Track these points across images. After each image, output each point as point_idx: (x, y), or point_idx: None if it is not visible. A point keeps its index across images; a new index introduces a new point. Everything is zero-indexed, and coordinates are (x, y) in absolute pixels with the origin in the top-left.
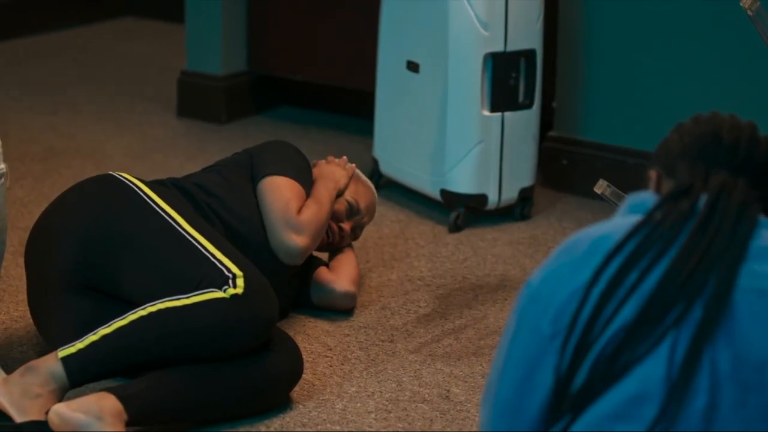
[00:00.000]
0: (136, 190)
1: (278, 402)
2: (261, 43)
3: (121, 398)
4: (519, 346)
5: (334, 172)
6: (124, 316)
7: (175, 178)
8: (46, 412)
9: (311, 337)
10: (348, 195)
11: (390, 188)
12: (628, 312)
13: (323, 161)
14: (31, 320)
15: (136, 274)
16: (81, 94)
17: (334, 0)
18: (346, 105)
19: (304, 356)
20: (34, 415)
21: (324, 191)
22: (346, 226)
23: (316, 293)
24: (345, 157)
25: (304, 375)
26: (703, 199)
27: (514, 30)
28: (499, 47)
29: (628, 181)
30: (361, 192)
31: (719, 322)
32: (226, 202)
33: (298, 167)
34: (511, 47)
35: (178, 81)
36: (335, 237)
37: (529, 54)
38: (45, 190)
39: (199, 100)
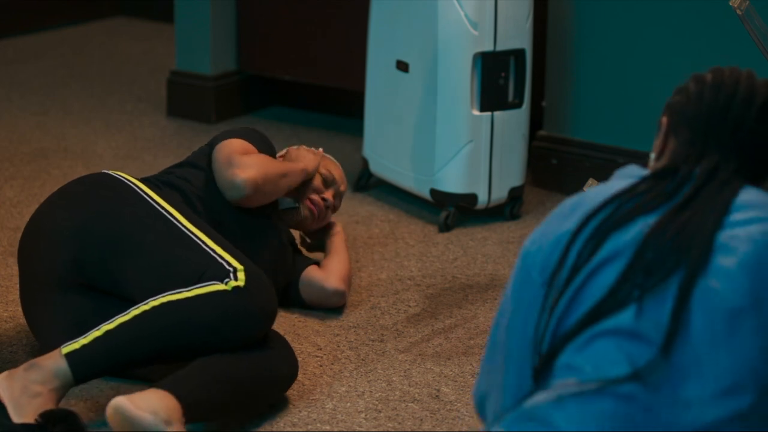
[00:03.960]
0: (134, 187)
1: (276, 401)
2: (250, 42)
3: (179, 398)
4: (514, 297)
5: (304, 156)
6: (127, 311)
7: (158, 175)
8: (41, 414)
9: (301, 336)
10: (319, 169)
11: (380, 188)
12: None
13: (294, 147)
14: (21, 321)
15: (137, 270)
16: (71, 94)
17: (324, 0)
18: (335, 105)
19: None
20: (29, 415)
21: (285, 164)
22: (328, 195)
23: (306, 291)
24: (321, 149)
25: None
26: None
27: (504, 29)
28: (488, 47)
29: None
30: (330, 164)
31: (700, 275)
32: (207, 193)
33: (254, 139)
34: (500, 47)
35: (168, 81)
36: (321, 208)
37: (519, 53)
38: (35, 190)
39: (189, 100)
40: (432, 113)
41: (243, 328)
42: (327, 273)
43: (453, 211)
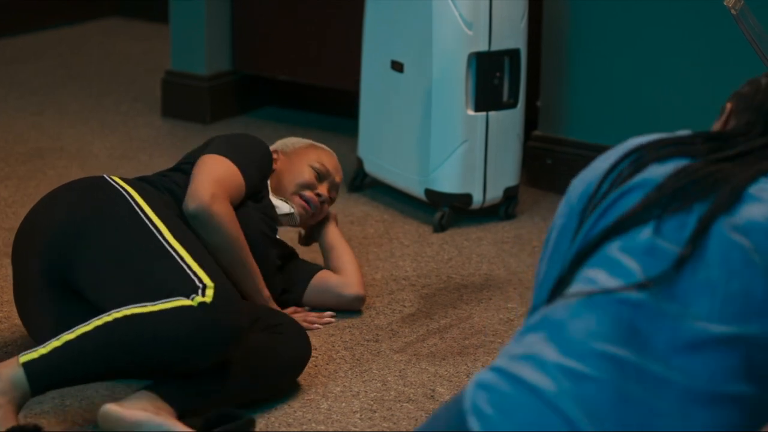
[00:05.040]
0: (125, 195)
1: (287, 386)
2: (245, 43)
3: (164, 396)
4: (556, 227)
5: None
6: (89, 321)
7: (155, 177)
8: None
9: None
10: (310, 162)
11: (375, 188)
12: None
13: (288, 146)
14: (16, 321)
15: (112, 281)
16: (68, 94)
17: (319, 0)
18: (330, 105)
19: None
20: None
21: (246, 251)
22: (323, 189)
23: (320, 297)
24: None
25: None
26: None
27: (499, 29)
28: (483, 47)
29: None
30: (323, 156)
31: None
32: None
33: (245, 153)
34: (495, 46)
35: (162, 81)
36: (315, 203)
37: (514, 53)
38: (30, 190)
39: (184, 101)
40: (427, 113)
41: (208, 345)
42: (344, 279)
43: (448, 211)
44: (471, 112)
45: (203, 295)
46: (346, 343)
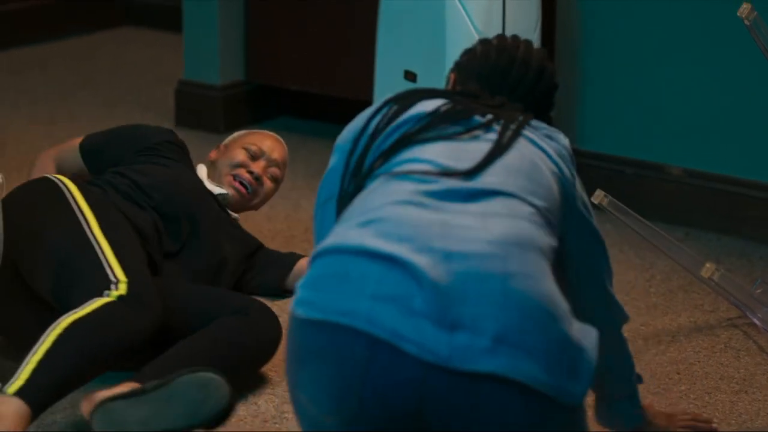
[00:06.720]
0: (61, 187)
1: (257, 370)
2: (259, 52)
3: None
4: (326, 172)
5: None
6: (43, 339)
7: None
8: None
9: None
10: (243, 144)
11: None
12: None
13: (226, 143)
14: None
15: (45, 274)
16: (79, 104)
17: (332, 10)
18: (344, 115)
19: None
20: None
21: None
22: (256, 167)
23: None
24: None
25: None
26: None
27: None
28: None
29: (626, 191)
30: (257, 137)
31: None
32: (145, 185)
33: (110, 130)
34: None
35: (176, 91)
36: (249, 180)
37: None
38: None
39: (197, 110)
40: None
41: (137, 328)
42: None
43: None
44: None
45: (117, 288)
46: None
